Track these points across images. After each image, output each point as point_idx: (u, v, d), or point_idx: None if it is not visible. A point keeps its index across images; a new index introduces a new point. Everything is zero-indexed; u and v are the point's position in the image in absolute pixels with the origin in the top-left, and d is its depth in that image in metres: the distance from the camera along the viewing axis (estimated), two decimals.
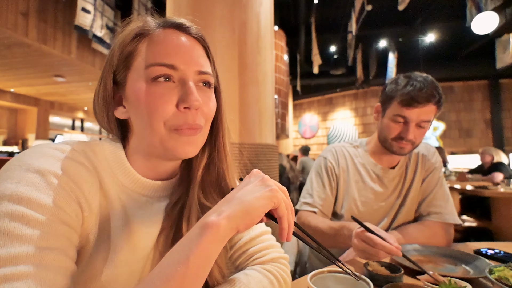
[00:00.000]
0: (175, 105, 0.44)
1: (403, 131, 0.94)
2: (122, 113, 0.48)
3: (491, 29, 3.67)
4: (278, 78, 4.89)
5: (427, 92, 0.89)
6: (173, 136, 0.45)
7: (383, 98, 1.01)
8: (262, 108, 1.42)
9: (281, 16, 6.02)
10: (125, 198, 0.48)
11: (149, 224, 0.50)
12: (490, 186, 2.72)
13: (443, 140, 7.63)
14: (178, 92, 0.45)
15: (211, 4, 1.33)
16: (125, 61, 0.46)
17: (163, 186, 0.52)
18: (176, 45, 0.46)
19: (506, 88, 7.32)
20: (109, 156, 0.48)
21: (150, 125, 0.44)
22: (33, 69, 5.05)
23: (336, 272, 0.64)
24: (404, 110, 0.92)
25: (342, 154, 1.10)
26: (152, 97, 0.44)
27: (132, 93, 0.46)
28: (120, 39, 0.47)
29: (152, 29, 0.47)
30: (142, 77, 0.45)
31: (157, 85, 0.44)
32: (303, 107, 9.73)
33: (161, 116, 0.44)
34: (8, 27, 3.57)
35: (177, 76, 0.45)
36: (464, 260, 0.77)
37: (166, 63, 0.44)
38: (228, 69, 1.33)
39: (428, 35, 6.44)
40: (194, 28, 0.50)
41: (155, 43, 0.46)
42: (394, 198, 1.04)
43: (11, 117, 7.34)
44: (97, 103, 0.49)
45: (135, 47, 0.46)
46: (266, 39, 1.47)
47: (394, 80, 0.99)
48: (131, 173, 0.49)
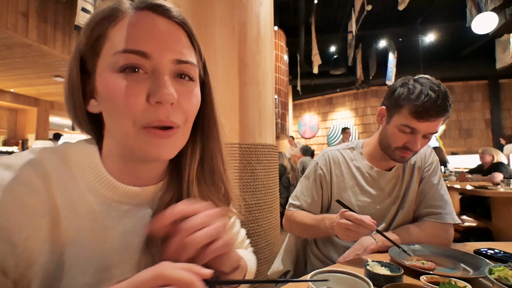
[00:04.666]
0: (146, 99, 0.38)
1: (409, 141, 0.90)
2: (94, 107, 0.43)
3: (491, 29, 3.67)
4: (278, 78, 4.90)
5: (441, 105, 0.83)
6: (143, 136, 0.39)
7: (391, 103, 0.94)
8: (262, 108, 1.42)
9: (281, 16, 6.01)
10: (103, 208, 0.42)
11: (134, 234, 0.44)
12: (490, 186, 2.72)
13: (443, 140, 7.63)
14: (149, 84, 0.39)
15: (211, 4, 1.33)
16: (93, 47, 0.40)
17: (147, 192, 0.46)
18: (150, 29, 0.39)
19: (506, 88, 7.32)
20: (82, 161, 0.43)
21: (118, 122, 0.39)
22: (33, 69, 5.05)
23: (336, 272, 0.64)
24: (415, 122, 0.86)
25: (336, 159, 1.07)
26: (119, 89, 0.38)
27: (99, 84, 0.40)
28: (88, 21, 0.41)
29: (124, 10, 0.40)
30: (109, 65, 0.39)
31: (125, 76, 0.38)
32: (303, 107, 9.73)
33: (129, 112, 0.38)
34: (8, 27, 3.57)
35: (149, 65, 0.39)
36: (464, 260, 0.77)
37: (136, 50, 0.38)
38: (228, 69, 1.33)
39: (428, 35, 6.44)
40: (174, 10, 0.42)
41: (125, 27, 0.39)
42: (392, 200, 1.03)
43: (11, 117, 7.35)
44: (64, 94, 0.44)
45: (103, 30, 0.40)
46: (266, 39, 1.47)
47: (404, 84, 0.91)
48: (106, 179, 0.43)
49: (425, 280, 0.61)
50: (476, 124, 7.46)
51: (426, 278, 0.63)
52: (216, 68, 1.29)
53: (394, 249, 0.82)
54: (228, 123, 1.31)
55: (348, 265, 0.79)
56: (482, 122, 7.42)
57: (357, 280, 0.61)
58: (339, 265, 0.80)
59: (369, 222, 0.77)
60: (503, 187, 2.55)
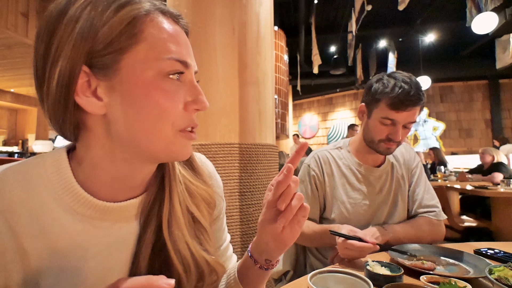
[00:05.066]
0: (183, 106, 0.40)
1: (391, 132, 0.95)
2: (96, 107, 0.37)
3: (491, 29, 3.67)
4: (278, 78, 4.89)
5: (415, 95, 0.90)
6: (180, 138, 0.41)
7: (369, 99, 1.01)
8: (262, 108, 1.42)
9: (281, 16, 6.02)
10: (82, 227, 0.40)
11: (118, 250, 0.43)
12: (490, 186, 2.72)
13: (443, 140, 7.63)
14: (186, 91, 0.41)
15: (211, 4, 1.33)
16: (120, 41, 0.36)
17: (128, 206, 0.43)
18: (184, 40, 0.41)
19: (506, 88, 7.32)
20: (54, 181, 0.39)
21: (156, 127, 0.38)
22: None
23: (336, 272, 0.64)
24: (393, 113, 0.93)
25: (325, 159, 1.09)
26: (165, 95, 0.38)
27: (135, 85, 0.37)
28: (110, 6, 0.36)
29: (150, 9, 0.38)
30: (153, 69, 0.37)
31: (171, 82, 0.39)
32: (303, 107, 9.73)
33: (171, 116, 0.39)
34: (8, 27, 3.57)
35: (188, 74, 0.41)
36: (464, 260, 0.77)
37: (182, 60, 0.39)
38: (228, 69, 1.32)
39: (428, 35, 6.44)
40: (185, 21, 0.44)
41: (164, 32, 0.38)
42: (383, 198, 1.05)
43: (11, 117, 7.35)
44: (48, 92, 0.37)
45: (140, 26, 0.37)
46: (266, 39, 1.47)
47: (379, 80, 0.98)
48: (83, 198, 0.39)
49: (425, 280, 0.61)
50: (476, 124, 7.46)
51: (426, 278, 0.63)
52: (216, 68, 1.29)
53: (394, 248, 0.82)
54: (228, 123, 1.32)
55: (348, 265, 0.79)
56: (482, 122, 7.42)
57: (357, 280, 0.61)
58: (339, 265, 0.80)
59: (370, 246, 0.78)
60: (503, 187, 2.55)
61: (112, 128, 0.38)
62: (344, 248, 0.80)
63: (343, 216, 1.02)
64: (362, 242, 0.78)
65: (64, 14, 0.36)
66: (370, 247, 0.77)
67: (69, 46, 0.35)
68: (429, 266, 0.71)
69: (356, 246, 0.78)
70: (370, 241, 0.78)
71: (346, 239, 0.80)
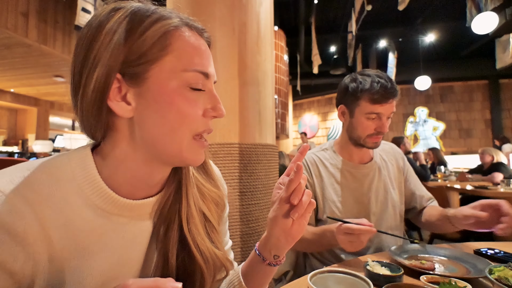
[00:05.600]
0: (202, 112, 0.44)
1: (379, 126, 0.99)
2: (125, 111, 0.41)
3: (491, 29, 3.67)
4: (278, 78, 4.89)
5: (392, 87, 0.97)
6: (193, 146, 0.44)
7: (348, 99, 1.04)
8: (262, 108, 1.42)
9: (281, 16, 6.02)
10: (102, 222, 0.43)
11: (133, 246, 0.46)
12: (490, 186, 2.72)
13: (443, 140, 7.63)
14: (205, 99, 0.45)
15: (211, 4, 1.33)
16: (152, 53, 0.40)
17: (145, 204, 0.47)
18: (206, 52, 0.45)
19: (506, 88, 7.31)
20: (79, 176, 0.42)
21: (175, 131, 0.42)
22: (33, 69, 5.05)
23: (336, 272, 0.64)
24: (377, 107, 0.97)
25: (312, 161, 1.11)
26: (187, 103, 0.42)
27: (160, 93, 0.41)
28: (144, 21, 0.40)
29: (178, 24, 0.42)
30: (177, 79, 0.41)
31: (193, 92, 0.43)
32: (303, 107, 9.73)
33: (190, 123, 0.43)
34: (8, 27, 3.57)
35: (208, 84, 0.45)
36: (464, 260, 0.77)
37: (204, 72, 0.43)
38: (228, 69, 1.32)
39: (428, 35, 6.43)
40: (208, 34, 0.48)
41: (189, 45, 0.43)
42: (373, 193, 1.05)
43: (11, 117, 7.35)
44: (83, 96, 0.40)
45: (169, 40, 0.41)
46: (266, 39, 1.47)
47: (353, 80, 1.02)
48: (106, 194, 0.43)
49: (425, 280, 0.62)
50: (476, 124, 7.46)
51: (426, 278, 0.63)
52: (216, 68, 1.29)
53: (394, 248, 0.82)
54: (228, 123, 1.32)
55: (348, 265, 0.79)
56: (482, 122, 7.42)
57: (357, 280, 0.61)
58: (339, 265, 0.80)
59: (368, 228, 0.78)
60: (503, 187, 2.55)
61: (137, 130, 0.42)
62: (342, 233, 0.80)
63: (335, 215, 1.03)
64: (359, 225, 0.78)
65: (103, 26, 0.40)
66: (368, 229, 0.77)
67: (106, 55, 0.39)
68: (429, 266, 0.71)
69: (353, 228, 0.78)
70: (367, 224, 0.78)
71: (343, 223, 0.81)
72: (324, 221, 1.05)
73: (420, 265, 0.71)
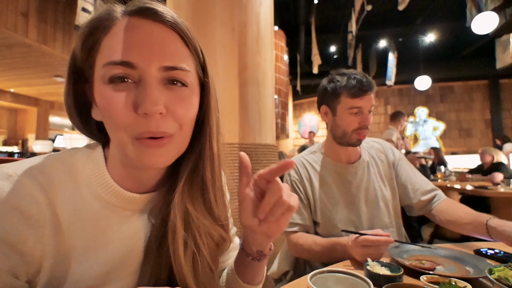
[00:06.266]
0: (134, 110, 0.38)
1: (362, 120, 1.01)
2: (97, 115, 0.44)
3: (491, 29, 3.67)
4: (278, 78, 4.89)
5: (368, 81, 1.00)
6: (137, 146, 0.39)
7: (328, 99, 1.07)
8: (262, 108, 1.42)
9: (281, 16, 6.02)
10: (107, 213, 0.44)
11: (135, 238, 0.47)
12: (490, 186, 2.72)
13: (443, 140, 7.63)
14: (136, 94, 0.38)
15: (211, 4, 1.33)
16: (88, 58, 0.41)
17: (149, 198, 0.47)
18: (136, 37, 0.38)
19: (506, 88, 7.31)
20: (88, 169, 0.44)
21: (114, 132, 0.40)
22: (33, 69, 5.05)
23: (336, 272, 0.64)
24: (357, 101, 1.00)
25: (302, 164, 1.12)
26: (109, 101, 0.38)
27: (96, 95, 0.41)
28: (80, 32, 0.41)
29: (116, 17, 0.40)
30: (98, 76, 0.39)
31: (114, 87, 0.38)
32: (303, 107, 9.72)
33: (121, 123, 0.38)
34: (8, 27, 3.57)
35: (136, 75, 0.38)
36: (464, 260, 0.77)
37: (120, 61, 0.37)
38: (228, 69, 1.33)
39: (428, 35, 6.44)
40: (166, 12, 0.40)
41: (114, 36, 0.39)
42: (364, 192, 1.05)
43: (11, 117, 7.35)
44: (69, 103, 0.45)
45: (95, 41, 0.40)
46: (266, 39, 1.47)
47: (331, 80, 1.06)
48: (111, 186, 0.44)
49: (425, 280, 0.61)
50: (476, 124, 7.46)
51: (426, 278, 0.63)
52: (216, 68, 1.29)
53: (394, 248, 0.82)
54: (228, 123, 1.31)
55: (348, 265, 0.79)
56: (482, 122, 7.42)
57: (357, 280, 0.61)
58: (339, 265, 0.80)
59: (386, 238, 0.76)
60: (503, 187, 2.55)
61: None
62: (359, 247, 0.77)
63: (326, 217, 1.03)
64: (375, 236, 0.76)
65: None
66: (386, 239, 0.76)
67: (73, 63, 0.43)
68: (429, 266, 0.71)
69: (372, 240, 0.76)
70: (383, 234, 0.77)
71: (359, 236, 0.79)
72: (318, 223, 1.05)
73: (420, 265, 0.71)
